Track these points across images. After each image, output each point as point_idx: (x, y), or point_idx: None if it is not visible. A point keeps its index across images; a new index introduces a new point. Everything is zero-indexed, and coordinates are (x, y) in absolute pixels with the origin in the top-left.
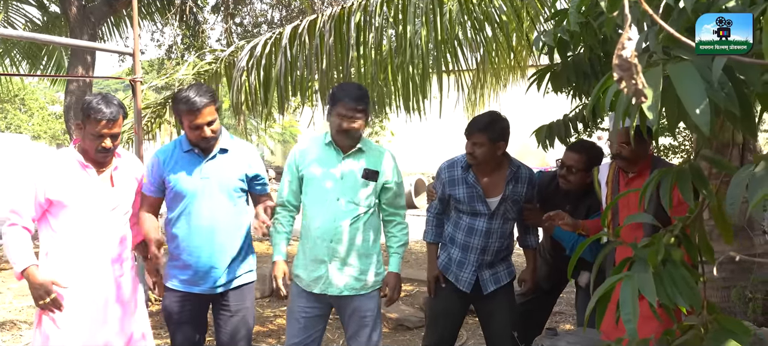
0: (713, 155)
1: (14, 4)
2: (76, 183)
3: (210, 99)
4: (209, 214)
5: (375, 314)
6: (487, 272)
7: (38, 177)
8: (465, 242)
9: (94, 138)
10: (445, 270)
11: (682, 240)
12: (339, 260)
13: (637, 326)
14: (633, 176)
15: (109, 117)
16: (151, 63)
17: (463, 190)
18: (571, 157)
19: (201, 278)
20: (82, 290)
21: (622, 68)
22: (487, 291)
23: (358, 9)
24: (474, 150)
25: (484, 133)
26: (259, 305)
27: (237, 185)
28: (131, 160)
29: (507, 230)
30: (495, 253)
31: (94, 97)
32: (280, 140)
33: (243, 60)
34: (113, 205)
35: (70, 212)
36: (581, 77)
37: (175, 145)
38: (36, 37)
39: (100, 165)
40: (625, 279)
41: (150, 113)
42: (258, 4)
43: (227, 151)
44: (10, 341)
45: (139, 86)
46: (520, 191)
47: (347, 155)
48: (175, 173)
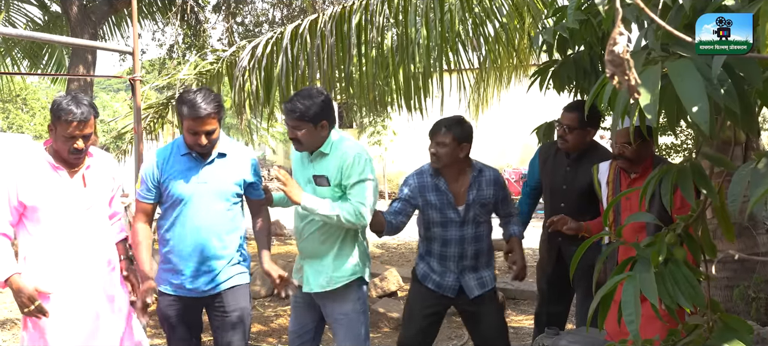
0: (714, 153)
1: (15, 3)
2: (48, 185)
3: (215, 109)
4: (204, 218)
5: (349, 317)
6: (471, 276)
7: (10, 181)
8: (441, 252)
9: (65, 140)
10: (423, 279)
11: (685, 239)
12: (308, 258)
13: (641, 326)
14: (635, 177)
15: (80, 118)
16: (153, 63)
17: (434, 196)
18: (567, 116)
19: (193, 281)
20: (64, 293)
21: (614, 64)
22: (472, 295)
23: (359, 8)
24: (438, 150)
25: (449, 133)
26: (260, 304)
27: (234, 190)
28: (105, 159)
29: (482, 233)
30: (474, 257)
31: (64, 98)
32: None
33: (244, 60)
34: (87, 205)
35: (44, 214)
36: (581, 75)
37: (172, 147)
38: (37, 36)
39: (72, 166)
40: (628, 279)
41: (152, 113)
42: (259, 3)
43: (225, 155)
44: (11, 340)
45: (138, 85)
46: (485, 193)
47: (313, 159)
48: (172, 176)
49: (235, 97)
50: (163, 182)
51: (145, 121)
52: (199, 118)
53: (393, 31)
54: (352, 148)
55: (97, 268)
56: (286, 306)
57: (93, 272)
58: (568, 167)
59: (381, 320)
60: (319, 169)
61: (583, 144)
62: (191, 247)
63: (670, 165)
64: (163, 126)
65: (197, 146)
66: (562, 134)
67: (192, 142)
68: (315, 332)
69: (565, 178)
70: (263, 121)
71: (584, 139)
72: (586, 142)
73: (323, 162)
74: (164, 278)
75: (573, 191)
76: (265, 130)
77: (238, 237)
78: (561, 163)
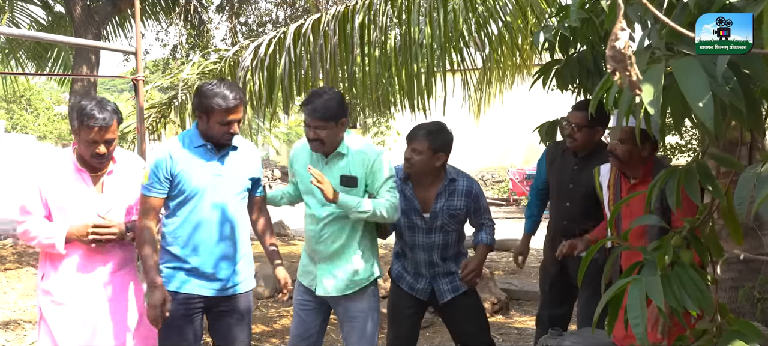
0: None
1: (19, 4)
2: (69, 187)
3: (242, 98)
4: (217, 211)
5: (365, 313)
6: (443, 281)
7: (39, 179)
8: (412, 256)
9: (88, 144)
10: (398, 279)
11: (692, 241)
12: (324, 261)
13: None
14: (635, 182)
15: (102, 124)
16: (156, 63)
17: (400, 201)
18: (575, 115)
19: (204, 279)
20: (82, 293)
21: (615, 60)
22: (443, 300)
23: (362, 7)
24: (412, 156)
25: (426, 140)
26: (263, 305)
27: (246, 184)
28: (132, 165)
29: (450, 240)
30: (444, 262)
31: (89, 102)
32: (286, 140)
33: (247, 59)
34: (103, 210)
35: (64, 215)
36: (585, 74)
37: (184, 139)
38: (40, 37)
39: (95, 170)
40: (634, 282)
41: (154, 113)
42: (263, 3)
43: (238, 148)
44: (14, 341)
45: (141, 85)
46: (456, 204)
47: (329, 161)
48: (186, 168)
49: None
50: (176, 173)
51: (147, 121)
52: (231, 108)
53: (396, 31)
54: (370, 147)
55: (108, 270)
56: (288, 307)
57: (105, 274)
58: (575, 166)
59: (385, 320)
60: (342, 171)
61: (591, 143)
62: (203, 240)
63: (676, 167)
64: (166, 126)
65: (225, 136)
66: (571, 133)
67: (221, 133)
68: (318, 336)
69: (572, 177)
70: (266, 121)
71: (593, 137)
72: (594, 141)
73: (343, 162)
74: (172, 277)
75: (579, 191)
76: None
77: (247, 234)
78: (568, 162)
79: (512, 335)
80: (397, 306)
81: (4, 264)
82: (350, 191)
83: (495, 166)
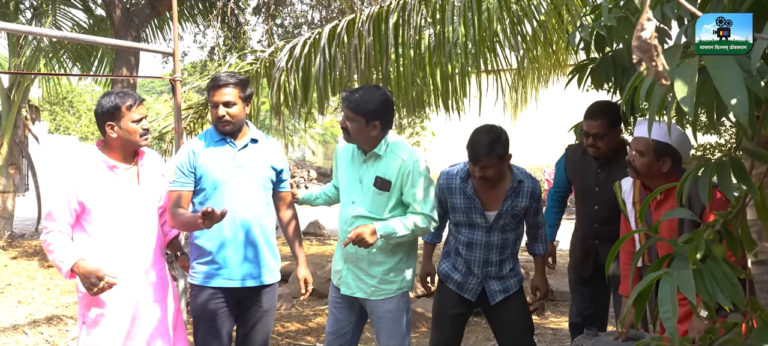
0: (755, 148)
1: (61, 7)
2: (106, 184)
3: (235, 81)
4: (242, 204)
5: (394, 314)
6: (495, 283)
7: (70, 183)
8: (467, 255)
9: (135, 124)
10: (445, 278)
11: (724, 236)
12: (352, 263)
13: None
14: (661, 199)
15: (139, 99)
16: (194, 65)
17: (460, 199)
18: (592, 124)
19: (231, 271)
20: (120, 293)
21: (641, 50)
22: (494, 301)
23: (397, 7)
24: (485, 173)
25: (492, 155)
26: (298, 303)
27: (269, 175)
28: (154, 157)
29: (508, 240)
30: (499, 264)
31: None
32: (321, 141)
33: (282, 60)
34: (142, 202)
35: (104, 213)
36: (620, 72)
37: (206, 135)
38: (81, 39)
39: (132, 158)
40: (665, 276)
41: (192, 113)
42: (298, 5)
43: (257, 141)
44: (57, 336)
45: (179, 85)
46: (520, 204)
47: (366, 160)
48: (208, 161)
49: (273, 98)
50: (198, 166)
51: (185, 121)
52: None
53: (430, 31)
54: (410, 154)
55: (149, 261)
56: (324, 306)
57: (145, 265)
58: (598, 169)
59: (419, 320)
60: (377, 172)
61: (613, 145)
62: (229, 233)
63: (708, 161)
64: (203, 126)
65: (218, 121)
66: (592, 143)
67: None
68: (353, 333)
69: (597, 180)
70: (301, 121)
71: (615, 140)
72: (615, 142)
73: (379, 164)
74: (201, 272)
75: (606, 193)
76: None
77: (273, 228)
78: (591, 165)
79: (547, 336)
80: (443, 307)
81: (47, 261)
82: (383, 193)
83: (530, 166)
